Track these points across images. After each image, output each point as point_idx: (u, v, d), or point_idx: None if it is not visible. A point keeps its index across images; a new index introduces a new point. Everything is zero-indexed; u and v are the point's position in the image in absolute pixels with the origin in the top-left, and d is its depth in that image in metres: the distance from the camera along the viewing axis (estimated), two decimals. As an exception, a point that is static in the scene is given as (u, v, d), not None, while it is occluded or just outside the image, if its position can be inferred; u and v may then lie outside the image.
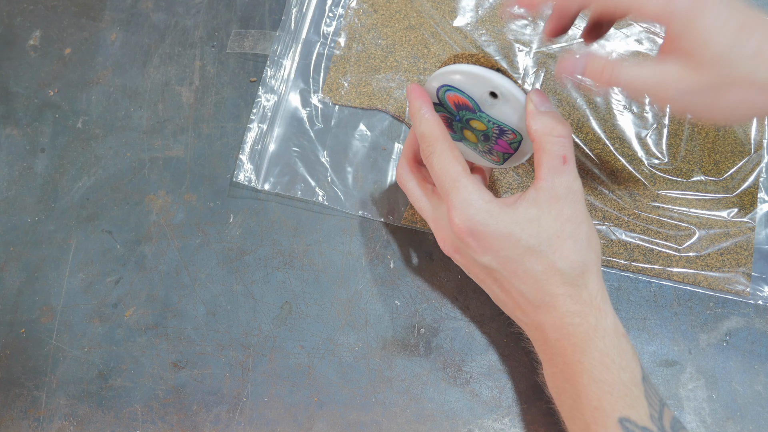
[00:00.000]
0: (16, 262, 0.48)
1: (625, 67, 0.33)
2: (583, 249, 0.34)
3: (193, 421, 0.44)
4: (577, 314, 0.34)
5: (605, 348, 0.33)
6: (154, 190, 0.49)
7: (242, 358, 0.45)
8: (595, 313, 0.34)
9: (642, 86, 0.33)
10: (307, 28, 0.51)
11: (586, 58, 0.34)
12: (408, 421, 0.43)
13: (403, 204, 0.47)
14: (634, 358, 0.34)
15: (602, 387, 0.33)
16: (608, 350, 0.33)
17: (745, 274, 0.44)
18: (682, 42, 0.31)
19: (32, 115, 0.52)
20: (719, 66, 0.30)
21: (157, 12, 0.54)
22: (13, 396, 0.46)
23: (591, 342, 0.33)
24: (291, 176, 0.48)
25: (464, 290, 0.45)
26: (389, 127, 0.49)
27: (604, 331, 0.33)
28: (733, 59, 0.30)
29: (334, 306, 0.46)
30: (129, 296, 0.47)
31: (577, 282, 0.34)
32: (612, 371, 0.33)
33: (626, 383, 0.32)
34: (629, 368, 0.33)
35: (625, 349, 0.33)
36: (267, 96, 0.50)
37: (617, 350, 0.33)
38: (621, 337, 0.34)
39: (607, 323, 0.34)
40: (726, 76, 0.30)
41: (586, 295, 0.34)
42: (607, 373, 0.33)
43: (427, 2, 0.51)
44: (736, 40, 0.30)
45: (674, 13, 0.31)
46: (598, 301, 0.34)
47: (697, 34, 0.30)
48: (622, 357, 0.33)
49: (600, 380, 0.33)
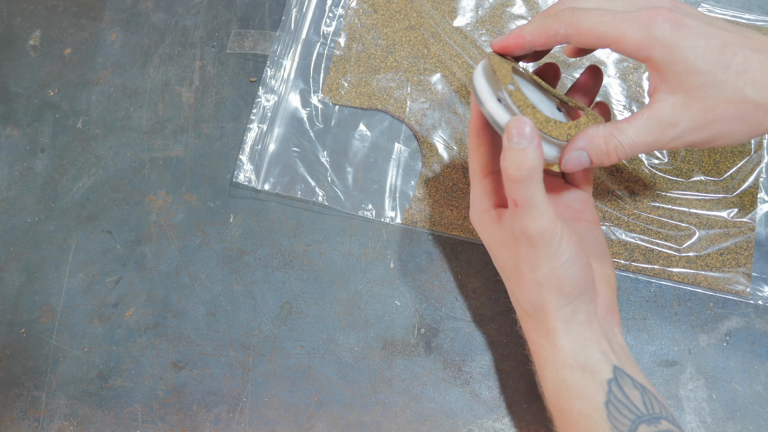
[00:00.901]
0: (16, 262, 0.48)
1: (623, 134, 0.33)
2: (537, 291, 0.35)
3: (193, 421, 0.44)
4: (534, 342, 0.37)
5: (555, 380, 0.35)
6: (154, 190, 0.49)
7: (242, 358, 0.45)
8: (548, 347, 0.35)
9: (645, 146, 0.33)
10: (307, 28, 0.51)
11: (587, 147, 0.34)
12: (408, 421, 0.43)
13: (403, 204, 0.47)
14: (592, 385, 0.34)
15: (560, 414, 0.35)
16: (558, 382, 0.35)
17: (745, 274, 0.44)
18: (668, 71, 0.31)
19: (32, 115, 0.52)
20: (708, 89, 0.30)
21: (157, 12, 0.54)
22: (13, 396, 0.46)
23: (545, 371, 0.36)
24: (291, 176, 0.48)
25: (464, 290, 0.45)
26: (389, 127, 0.49)
27: (554, 364, 0.35)
28: (721, 79, 0.30)
29: (334, 306, 0.46)
30: (129, 296, 0.47)
31: (534, 316, 0.36)
32: (564, 400, 0.35)
33: (581, 411, 0.34)
34: (585, 396, 0.34)
35: (577, 380, 0.34)
36: (267, 96, 0.50)
37: (568, 382, 0.34)
38: (574, 370, 0.34)
39: (557, 357, 0.35)
40: (717, 99, 0.30)
41: (542, 329, 0.36)
42: (561, 402, 0.35)
43: (427, 2, 0.51)
44: (721, 59, 0.30)
45: (655, 44, 0.30)
46: (552, 337, 0.35)
47: (681, 59, 0.30)
48: (575, 386, 0.34)
49: (556, 407, 0.36)
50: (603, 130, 0.34)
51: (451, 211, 0.46)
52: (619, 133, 0.33)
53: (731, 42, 0.30)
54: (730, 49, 0.30)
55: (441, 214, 0.46)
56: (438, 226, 0.46)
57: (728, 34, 0.31)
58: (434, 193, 0.47)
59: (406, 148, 0.48)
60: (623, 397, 0.34)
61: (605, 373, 0.34)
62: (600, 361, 0.35)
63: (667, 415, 0.34)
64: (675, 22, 0.30)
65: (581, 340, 0.35)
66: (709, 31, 0.30)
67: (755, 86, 0.30)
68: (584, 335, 0.35)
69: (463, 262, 0.46)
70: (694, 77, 0.30)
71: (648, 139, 0.32)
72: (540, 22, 0.34)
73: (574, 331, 0.35)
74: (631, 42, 0.31)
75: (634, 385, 0.34)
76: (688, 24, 0.30)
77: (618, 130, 0.33)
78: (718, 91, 0.30)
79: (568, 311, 0.35)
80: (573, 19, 0.33)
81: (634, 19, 0.31)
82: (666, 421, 0.33)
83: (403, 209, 0.47)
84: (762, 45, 0.30)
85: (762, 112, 0.30)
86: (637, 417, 0.33)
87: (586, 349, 0.35)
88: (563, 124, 0.34)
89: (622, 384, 0.34)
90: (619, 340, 0.37)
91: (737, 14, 0.49)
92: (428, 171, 0.47)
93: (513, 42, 0.35)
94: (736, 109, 0.30)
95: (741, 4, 0.50)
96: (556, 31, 0.33)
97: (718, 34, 0.30)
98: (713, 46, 0.30)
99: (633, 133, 0.33)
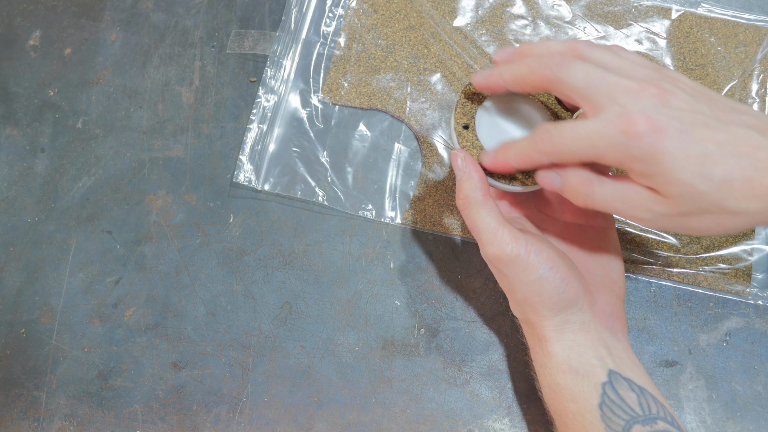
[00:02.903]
0: (16, 262, 0.48)
1: (600, 187, 0.33)
2: (521, 308, 0.37)
3: (193, 421, 0.44)
4: (531, 348, 0.38)
5: (550, 383, 0.36)
6: (154, 190, 0.49)
7: (242, 358, 0.45)
8: (542, 353, 0.37)
9: (615, 210, 0.33)
10: (307, 28, 0.51)
11: (564, 176, 0.34)
12: (408, 421, 0.43)
13: (403, 204, 0.47)
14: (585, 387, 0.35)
15: (557, 416, 0.36)
16: (553, 386, 0.36)
17: (745, 274, 0.44)
18: (648, 180, 0.31)
19: (32, 115, 0.52)
20: (687, 198, 0.30)
21: (157, 12, 0.54)
22: (13, 396, 0.46)
23: (541, 375, 0.37)
24: (291, 176, 0.48)
25: (464, 290, 0.45)
26: (389, 127, 0.49)
27: (549, 369, 0.36)
28: (701, 191, 0.29)
29: (334, 306, 0.46)
30: (129, 296, 0.47)
31: (527, 321, 0.38)
32: (560, 402, 0.36)
33: (576, 412, 0.35)
34: (579, 398, 0.35)
35: (570, 383, 0.35)
36: (267, 96, 0.50)
37: (562, 385, 0.35)
38: (568, 374, 0.35)
39: (551, 363, 0.36)
40: (695, 206, 0.30)
41: (535, 336, 0.37)
42: (557, 404, 0.36)
43: (427, 2, 0.51)
44: (701, 170, 0.29)
45: (634, 160, 0.30)
46: (545, 344, 0.36)
47: (661, 172, 0.30)
48: (568, 390, 0.35)
49: (553, 409, 0.37)
50: (585, 174, 0.33)
51: (451, 211, 0.46)
52: (598, 184, 0.33)
53: (712, 151, 0.29)
54: (711, 159, 0.29)
55: (441, 214, 0.46)
56: (438, 226, 0.46)
57: (711, 137, 0.29)
58: (434, 193, 0.47)
59: (406, 148, 0.48)
60: (618, 399, 0.34)
61: (600, 377, 0.34)
62: (595, 365, 0.35)
63: (665, 416, 0.34)
64: (654, 133, 0.29)
65: (574, 346, 0.36)
66: (690, 138, 0.29)
67: (734, 197, 0.29)
68: (578, 341, 0.36)
69: (463, 262, 0.46)
70: (675, 187, 0.30)
71: (620, 207, 0.32)
72: (520, 148, 0.34)
73: (567, 339, 0.36)
74: (612, 160, 0.31)
75: (631, 388, 0.34)
76: (669, 133, 0.29)
77: (599, 181, 0.33)
78: (697, 201, 0.30)
79: (557, 321, 0.36)
80: (550, 146, 0.32)
81: (611, 136, 0.30)
82: (663, 422, 0.33)
83: (403, 209, 0.47)
84: (744, 147, 0.29)
85: (739, 219, 0.30)
86: (632, 417, 0.33)
87: (580, 355, 0.35)
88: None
89: (618, 387, 0.34)
90: (622, 345, 0.37)
91: (737, 14, 0.49)
92: (428, 171, 0.47)
93: (494, 89, 0.36)
94: (712, 216, 0.30)
95: (741, 4, 0.50)
96: (539, 161, 0.34)
97: (699, 140, 0.29)
98: (693, 157, 0.29)
99: (608, 194, 0.32)
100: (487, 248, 0.35)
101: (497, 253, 0.35)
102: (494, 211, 0.35)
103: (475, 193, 0.36)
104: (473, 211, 0.36)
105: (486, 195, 0.36)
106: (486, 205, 0.36)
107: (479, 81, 0.36)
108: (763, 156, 0.29)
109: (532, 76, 0.33)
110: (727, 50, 0.48)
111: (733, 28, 0.49)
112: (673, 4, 0.50)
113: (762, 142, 0.29)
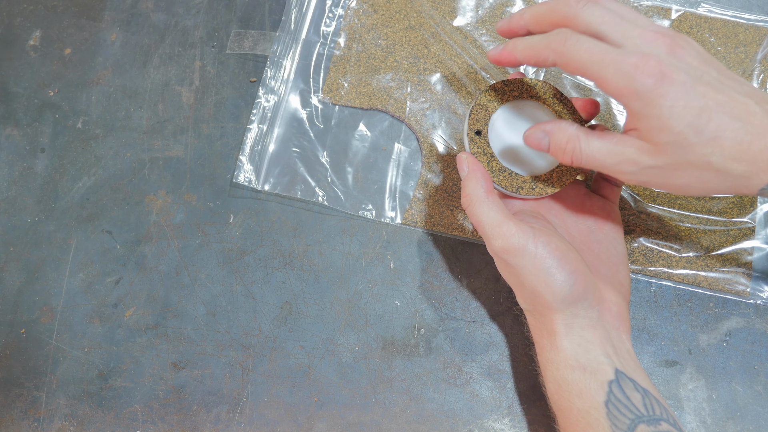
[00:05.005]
0: (16, 262, 0.48)
1: (587, 143, 0.33)
2: (525, 299, 0.37)
3: (193, 421, 0.44)
4: (537, 342, 0.38)
5: (557, 378, 0.36)
6: (154, 190, 0.49)
7: (242, 359, 0.45)
8: (550, 347, 0.36)
9: (600, 165, 0.33)
10: (307, 28, 0.51)
11: (551, 134, 0.35)
12: (408, 421, 0.43)
13: (403, 204, 0.47)
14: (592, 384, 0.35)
15: (561, 412, 0.36)
16: (560, 381, 0.36)
17: (745, 274, 0.44)
18: (642, 122, 0.31)
19: (32, 115, 0.52)
20: (676, 148, 0.30)
21: (157, 12, 0.54)
22: (13, 396, 0.46)
23: (547, 370, 0.37)
24: (291, 177, 0.48)
25: (464, 290, 0.45)
26: (389, 127, 0.49)
27: (556, 364, 0.36)
28: (690, 142, 0.30)
29: (334, 306, 0.46)
30: (129, 296, 0.47)
31: (535, 314, 0.37)
32: (565, 398, 0.35)
33: (581, 409, 0.34)
34: (585, 395, 0.35)
35: (578, 379, 0.35)
36: (267, 96, 0.50)
37: (569, 381, 0.35)
38: (575, 370, 0.35)
39: (559, 357, 0.36)
40: (682, 158, 0.30)
41: (544, 330, 0.37)
42: (562, 400, 0.36)
43: (427, 2, 0.51)
44: (695, 122, 0.30)
45: (634, 96, 0.30)
46: (553, 339, 0.36)
47: (656, 116, 0.30)
48: (575, 385, 0.35)
49: (557, 405, 0.36)
50: (572, 130, 0.34)
51: (451, 211, 0.46)
52: (584, 140, 0.33)
53: (710, 107, 0.30)
54: (707, 114, 0.30)
55: (441, 215, 0.46)
56: (438, 227, 0.46)
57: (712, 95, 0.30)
58: (434, 193, 0.47)
59: (406, 148, 0.48)
60: (623, 398, 0.34)
61: (607, 375, 0.34)
62: (603, 363, 0.35)
63: (668, 418, 0.34)
64: (660, 77, 0.30)
65: (583, 342, 0.35)
66: (692, 90, 0.30)
67: (722, 155, 0.30)
68: (586, 338, 0.35)
69: (463, 262, 0.46)
70: (665, 134, 0.30)
71: (606, 161, 0.33)
72: (532, 44, 0.34)
73: (576, 334, 0.36)
74: (612, 87, 0.31)
75: (636, 388, 0.34)
76: (674, 80, 0.30)
77: (585, 137, 0.33)
78: (684, 152, 0.30)
79: (568, 315, 0.35)
80: (564, 48, 0.33)
81: (621, 65, 0.31)
82: (666, 423, 0.34)
83: (403, 209, 0.47)
84: (741, 111, 0.30)
85: (722, 179, 0.31)
86: (637, 417, 0.33)
87: (588, 352, 0.35)
88: (517, 177, 0.38)
89: (623, 385, 0.34)
90: (626, 347, 0.37)
91: (737, 14, 0.49)
92: (428, 171, 0.47)
93: (505, 59, 0.36)
94: (697, 171, 0.31)
95: (741, 4, 0.50)
96: (545, 58, 0.34)
97: (700, 95, 0.30)
98: (691, 108, 0.30)
99: (596, 149, 0.33)
100: (493, 242, 0.35)
101: (504, 245, 0.35)
102: (498, 206, 0.36)
103: (478, 190, 0.36)
104: (477, 207, 0.36)
105: (489, 191, 0.36)
106: (489, 200, 0.36)
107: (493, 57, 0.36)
108: (756, 122, 0.30)
109: (551, 14, 0.34)
110: (727, 50, 0.48)
111: (733, 28, 0.49)
112: (673, 4, 0.50)
113: (757, 110, 0.30)
